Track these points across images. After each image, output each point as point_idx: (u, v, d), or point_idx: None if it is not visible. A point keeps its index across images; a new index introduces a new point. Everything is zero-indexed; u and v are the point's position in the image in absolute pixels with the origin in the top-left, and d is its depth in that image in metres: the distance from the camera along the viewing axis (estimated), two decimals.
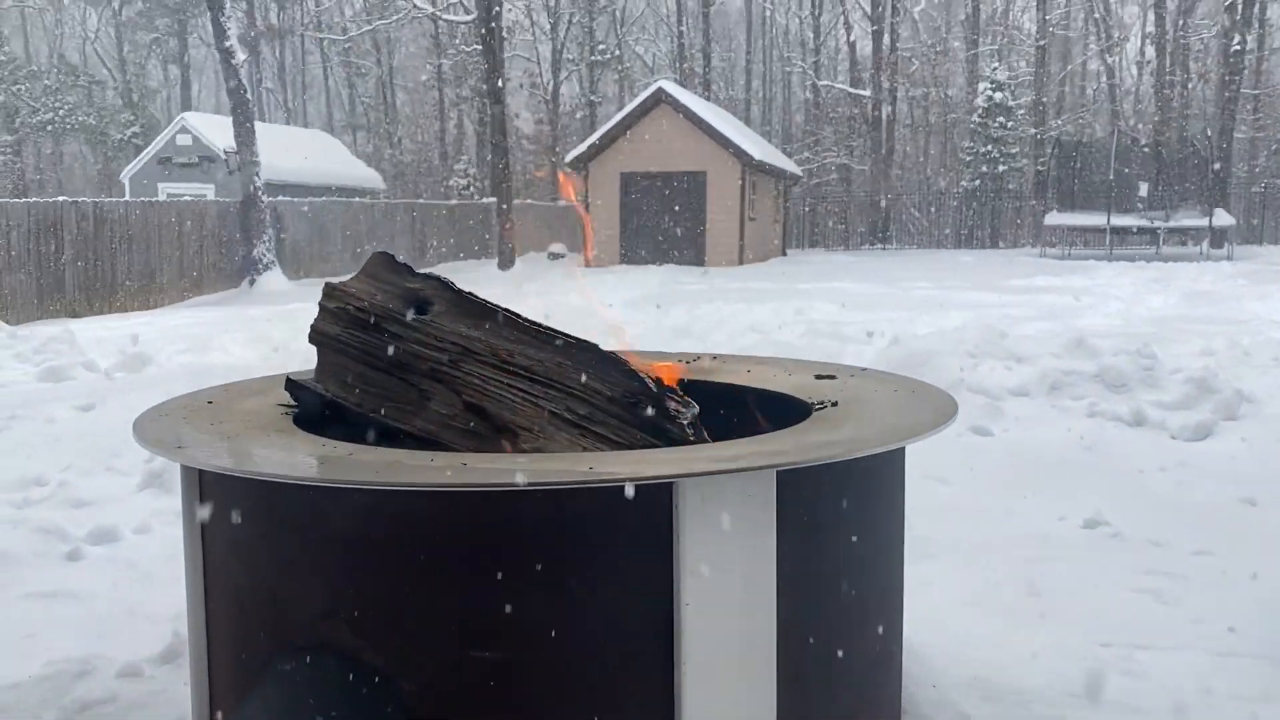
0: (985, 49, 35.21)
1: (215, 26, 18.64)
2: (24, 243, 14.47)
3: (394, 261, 1.75)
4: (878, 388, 1.73)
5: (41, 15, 43.79)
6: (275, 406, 1.63)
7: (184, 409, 1.58)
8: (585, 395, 1.53)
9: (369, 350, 1.61)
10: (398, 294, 1.68)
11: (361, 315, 1.62)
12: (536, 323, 1.67)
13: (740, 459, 1.15)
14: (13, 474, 3.26)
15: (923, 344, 5.84)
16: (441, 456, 1.25)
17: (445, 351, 1.58)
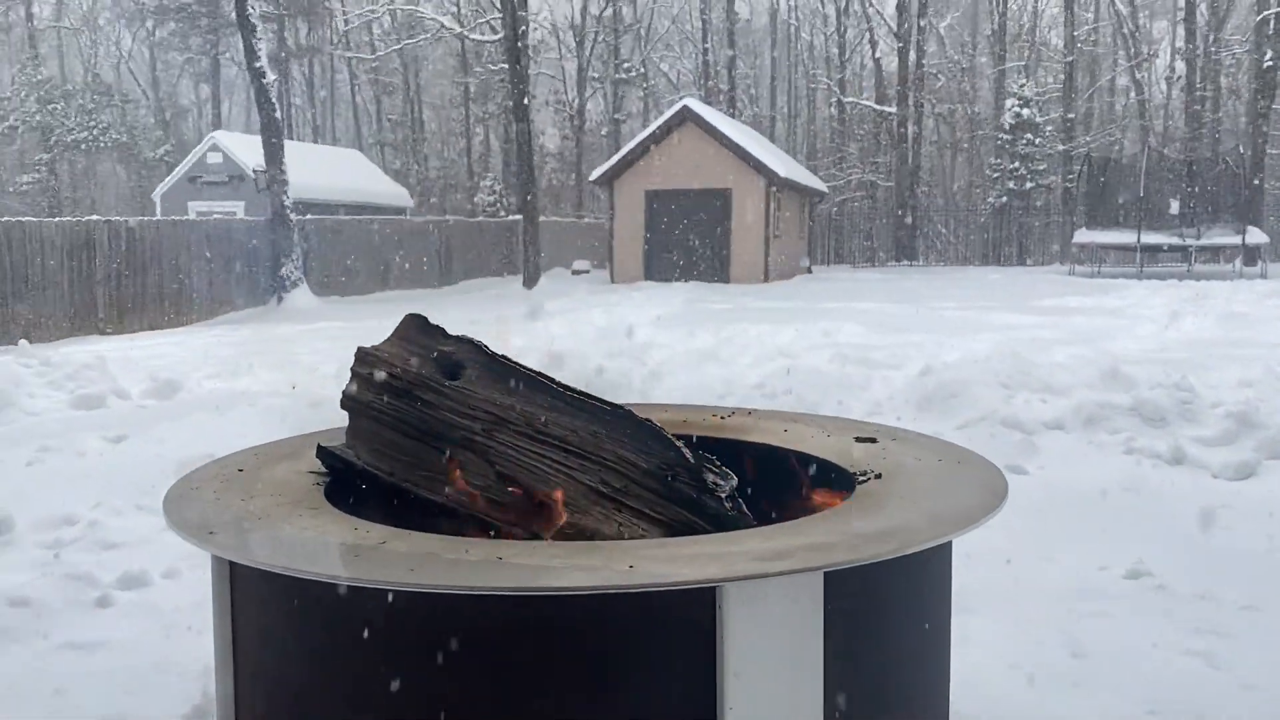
0: (1012, 65, 35.02)
1: (246, 47, 18.88)
2: (57, 261, 14.67)
3: (426, 323, 1.72)
4: (920, 456, 1.68)
5: (77, 36, 44.60)
6: (306, 474, 1.61)
7: (215, 480, 1.56)
8: (620, 468, 1.50)
9: (401, 417, 1.58)
10: (430, 358, 1.65)
11: (395, 382, 1.59)
12: (570, 388, 1.63)
13: (786, 556, 1.11)
14: (45, 511, 3.27)
15: (954, 374, 5.75)
16: (477, 546, 1.22)
17: (478, 420, 1.55)
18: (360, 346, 1.65)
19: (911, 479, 1.51)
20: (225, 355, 9.28)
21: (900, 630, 1.25)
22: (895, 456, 1.66)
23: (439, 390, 1.58)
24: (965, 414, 5.23)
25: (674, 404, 2.18)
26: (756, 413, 2.09)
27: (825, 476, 1.64)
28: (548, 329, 12.13)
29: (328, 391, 6.12)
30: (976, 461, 1.63)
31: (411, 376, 1.59)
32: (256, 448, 1.77)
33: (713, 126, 23.29)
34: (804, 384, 6.07)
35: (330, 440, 1.82)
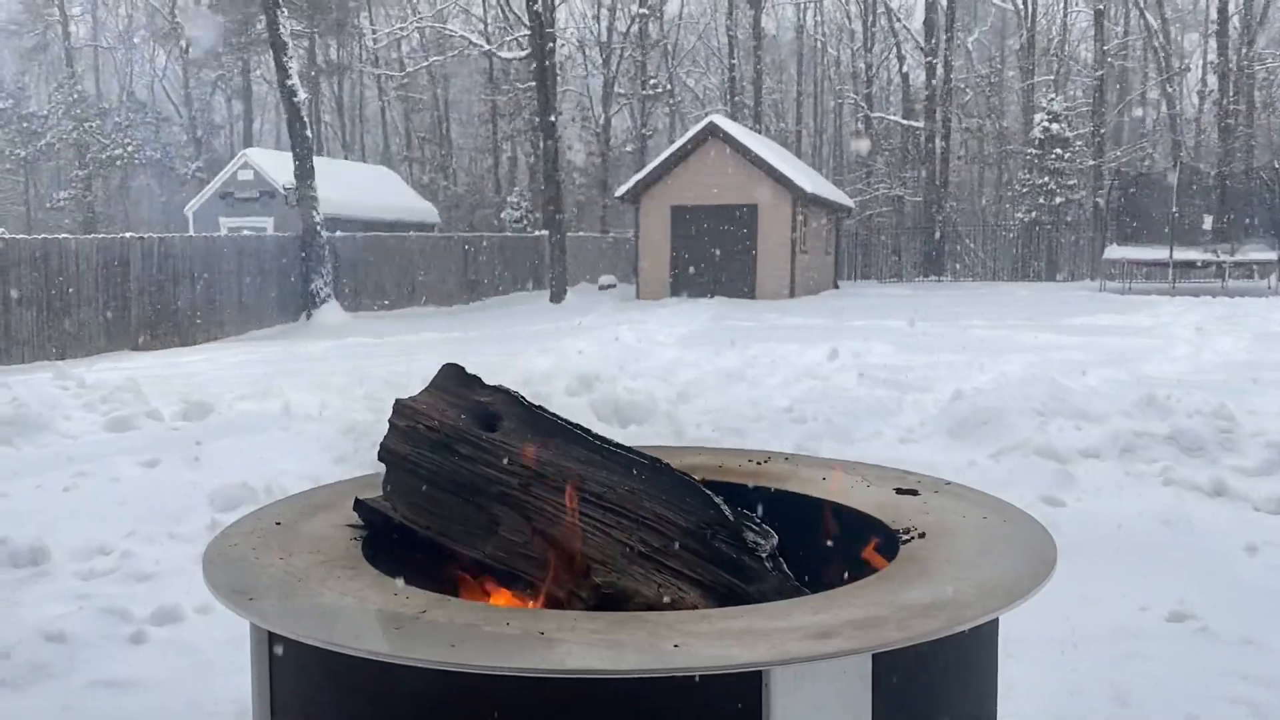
0: (1041, 79, 34.80)
1: (278, 66, 19.14)
2: (92, 278, 14.88)
3: (463, 373, 1.72)
4: (965, 512, 1.65)
5: (113, 54, 45.42)
6: (344, 528, 1.60)
7: (253, 535, 1.55)
8: (659, 526, 1.48)
9: (439, 471, 1.57)
10: (467, 408, 1.64)
11: (432, 434, 1.59)
12: (607, 440, 1.62)
13: (835, 634, 1.09)
14: (79, 540, 3.29)
15: (987, 400, 5.69)
16: (518, 618, 1.20)
17: (516, 475, 1.54)
18: (398, 399, 1.65)
19: (956, 540, 1.48)
20: (256, 374, 9.35)
21: (948, 706, 1.22)
22: (938, 513, 1.63)
23: (476, 443, 1.57)
24: (999, 442, 5.16)
25: (709, 447, 2.16)
26: (794, 458, 2.06)
27: (867, 533, 1.61)
28: (574, 346, 12.15)
29: (358, 415, 6.16)
30: (1022, 521, 1.59)
31: (449, 429, 1.59)
32: (293, 497, 1.77)
33: (739, 142, 23.31)
34: (834, 408, 6.02)
35: (366, 487, 1.82)
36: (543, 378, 7.41)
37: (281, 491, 4.04)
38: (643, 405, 6.29)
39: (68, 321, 14.47)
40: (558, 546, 1.49)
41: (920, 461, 4.94)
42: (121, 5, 45.02)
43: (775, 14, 40.58)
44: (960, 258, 31.94)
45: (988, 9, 40.42)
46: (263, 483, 4.02)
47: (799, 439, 5.38)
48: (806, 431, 5.48)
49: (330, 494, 1.81)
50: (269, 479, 4.10)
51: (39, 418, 5.15)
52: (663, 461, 1.58)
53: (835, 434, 5.51)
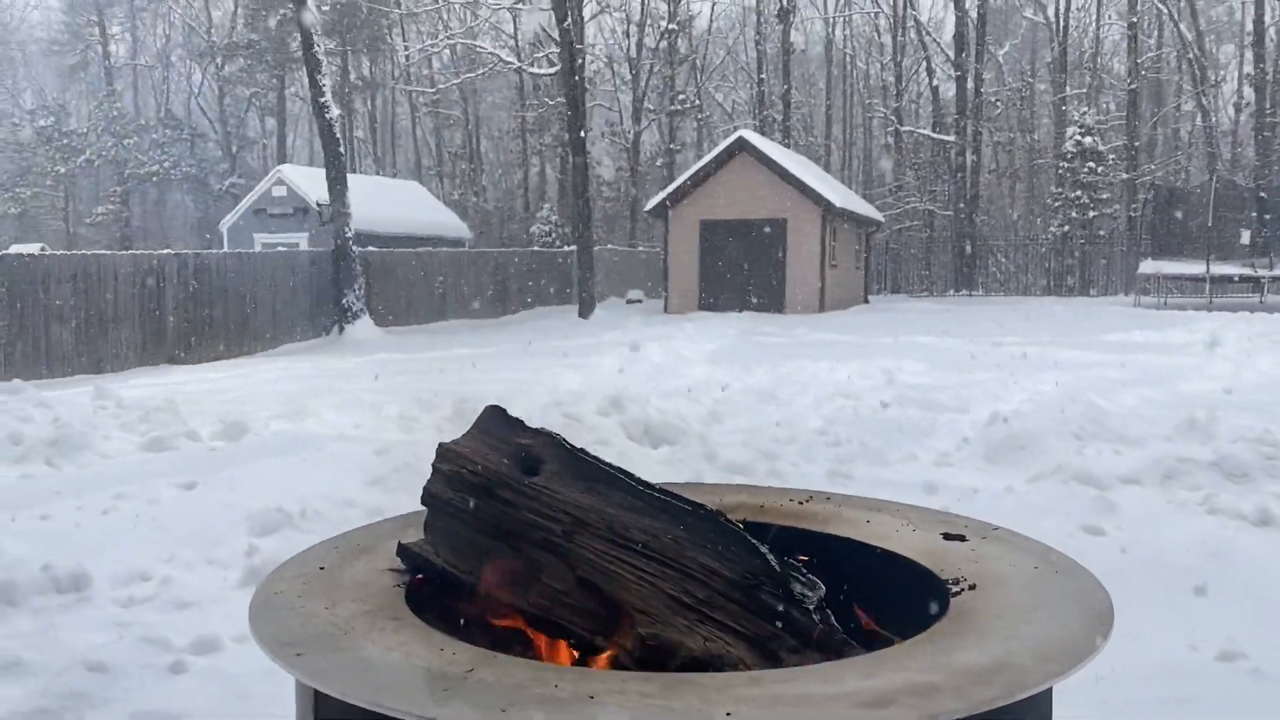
0: (1073, 92, 34.51)
1: (312, 84, 19.38)
2: (129, 293, 15.11)
3: (505, 416, 1.71)
4: (1015, 560, 1.62)
5: (151, 72, 46.26)
6: (386, 573, 1.60)
7: (297, 581, 1.55)
8: (703, 577, 1.46)
9: (481, 516, 1.57)
10: (510, 452, 1.64)
11: (474, 479, 1.58)
12: (650, 485, 1.60)
13: (889, 702, 1.06)
14: (119, 566, 3.32)
15: (1023, 424, 5.61)
16: (566, 678, 1.19)
17: (559, 522, 1.53)
18: (441, 443, 1.65)
19: (1008, 593, 1.45)
20: (289, 391, 9.42)
21: None
22: (988, 562, 1.60)
23: (518, 488, 1.56)
24: (1036, 466, 5.09)
25: (749, 484, 2.13)
26: (836, 498, 2.04)
27: (915, 583, 1.59)
28: (603, 363, 12.15)
29: (390, 435, 6.17)
30: (1075, 572, 1.56)
31: (491, 474, 1.58)
32: (335, 539, 1.77)
33: (768, 156, 23.31)
34: (867, 430, 5.97)
35: (407, 527, 1.81)
36: (573, 397, 7.41)
37: (316, 515, 4.07)
38: (674, 426, 6.27)
39: (105, 336, 14.69)
40: (601, 596, 1.48)
41: (956, 486, 4.88)
42: (160, 24, 45.90)
43: (804, 28, 40.60)
44: (991, 272, 31.68)
45: (1019, 22, 40.20)
46: (298, 506, 4.04)
47: (832, 462, 5.34)
48: (840, 454, 5.44)
49: (371, 535, 1.81)
50: (304, 502, 4.12)
51: (79, 438, 5.22)
52: (706, 508, 1.56)
53: (869, 456, 5.46)
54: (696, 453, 5.22)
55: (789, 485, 4.90)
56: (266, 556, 3.40)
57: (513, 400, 7.87)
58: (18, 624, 2.86)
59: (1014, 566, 1.58)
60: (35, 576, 3.05)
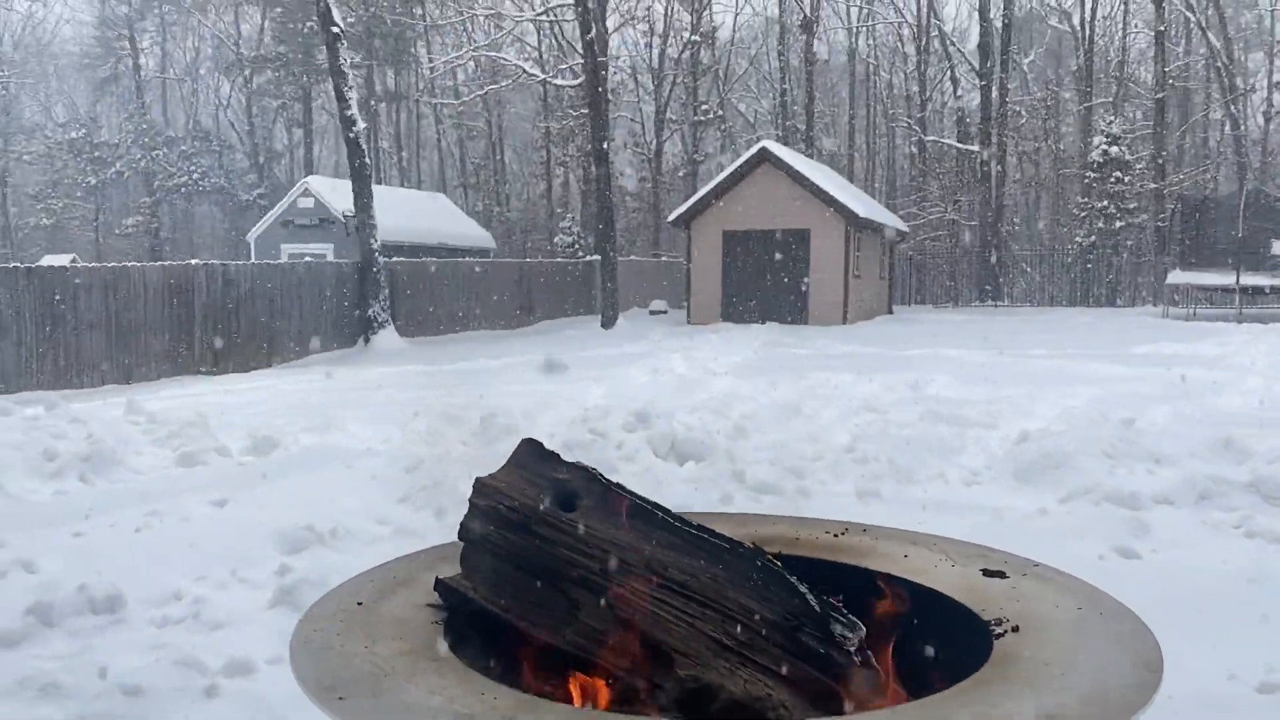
0: (1099, 101, 34.24)
1: (338, 97, 19.55)
2: (158, 304, 15.27)
3: (542, 449, 1.72)
4: (1057, 600, 1.60)
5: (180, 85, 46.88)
6: (424, 608, 1.60)
7: (336, 618, 1.56)
8: (743, 618, 1.45)
9: (519, 553, 1.57)
10: (546, 486, 1.64)
11: (512, 515, 1.59)
12: (686, 521, 1.60)
13: None
14: (153, 586, 3.35)
15: (1054, 442, 5.55)
16: None
17: (597, 559, 1.53)
18: (478, 478, 1.65)
19: (1053, 638, 1.43)
20: (317, 404, 9.50)
21: None
22: (1029, 601, 1.58)
23: (556, 525, 1.56)
24: (1067, 485, 5.04)
25: (785, 515, 2.12)
26: (872, 530, 2.02)
27: (957, 622, 1.57)
28: (628, 375, 12.16)
29: (418, 449, 6.20)
30: (1120, 615, 1.54)
31: (528, 510, 1.58)
32: (372, 571, 1.78)
33: (791, 167, 23.27)
34: (895, 447, 5.93)
35: (442, 560, 1.82)
36: (599, 412, 7.42)
37: (347, 534, 4.09)
38: (700, 442, 6.26)
39: (134, 346, 14.85)
40: (640, 635, 1.48)
41: (987, 506, 4.84)
42: (189, 38, 46.54)
43: (827, 39, 40.57)
44: (1017, 282, 31.44)
45: (1044, 30, 39.98)
46: (328, 525, 4.06)
47: (861, 480, 5.31)
48: (868, 472, 5.40)
49: (407, 567, 1.81)
50: (334, 520, 4.15)
51: (112, 453, 5.28)
52: (745, 545, 1.56)
53: (898, 474, 5.43)
54: (724, 470, 5.20)
55: (816, 503, 4.87)
56: (298, 576, 3.42)
57: (538, 415, 7.89)
58: (55, 645, 2.89)
59: (1057, 607, 1.56)
60: (72, 597, 3.08)
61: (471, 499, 1.62)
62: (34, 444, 5.23)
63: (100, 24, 44.76)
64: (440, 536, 4.08)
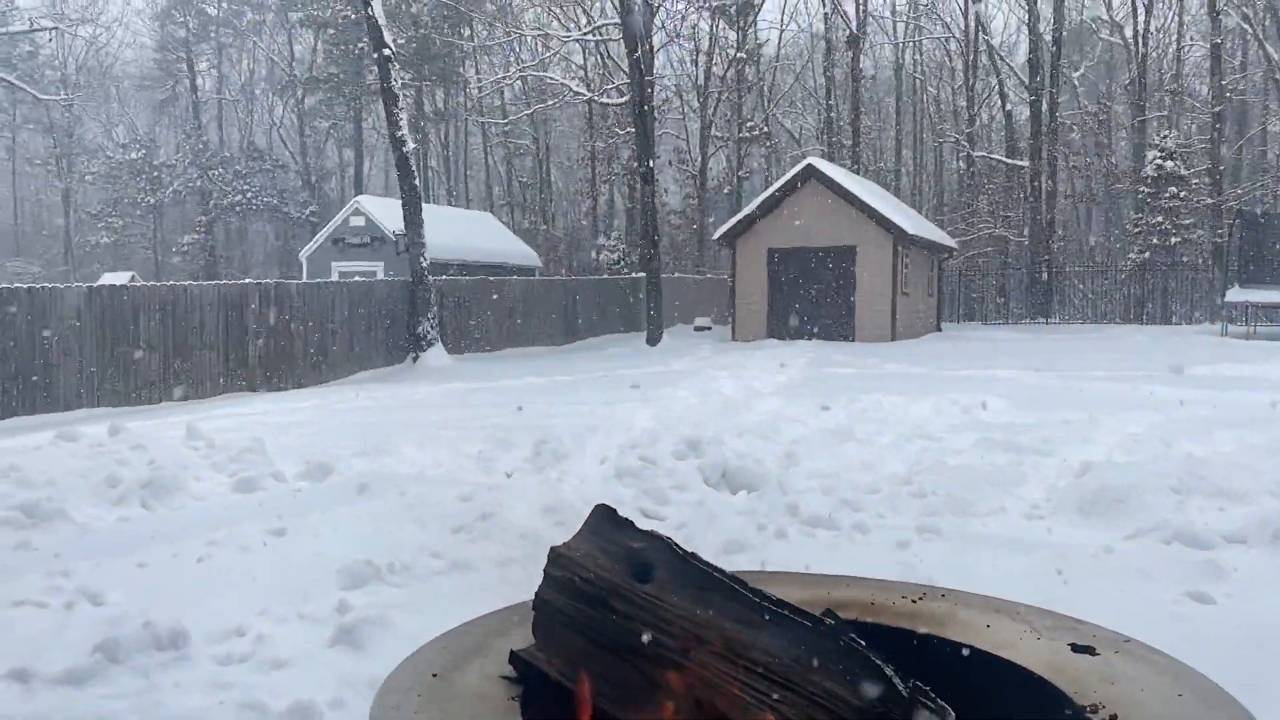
0: (1153, 115, 33.61)
1: (389, 118, 19.84)
2: (214, 322, 15.58)
3: (615, 516, 1.69)
4: (1154, 684, 1.53)
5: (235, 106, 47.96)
6: (499, 680, 1.59)
7: (412, 692, 1.55)
8: (828, 703, 1.41)
9: (594, 626, 1.55)
10: (621, 556, 1.61)
11: (588, 588, 1.56)
12: (764, 595, 1.56)
13: None
14: (215, 621, 3.38)
15: (1118, 476, 5.41)
16: None
17: (674, 635, 1.50)
18: (553, 547, 1.63)
19: None
20: (369, 424, 9.59)
21: None
22: (1125, 684, 1.52)
23: (632, 599, 1.54)
24: (1133, 522, 4.90)
25: (860, 577, 2.07)
26: (951, 595, 1.96)
27: (1048, 706, 1.51)
28: (675, 395, 12.12)
29: (471, 476, 6.22)
30: (1224, 703, 1.47)
31: (604, 583, 1.56)
32: (444, 637, 1.76)
33: (837, 183, 23.14)
34: (953, 479, 5.82)
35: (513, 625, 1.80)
36: (648, 437, 7.39)
37: (404, 569, 4.10)
38: (751, 470, 6.20)
39: (190, 364, 15.15)
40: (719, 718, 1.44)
41: (1050, 543, 4.72)
42: (244, 60, 47.64)
43: (873, 54, 40.37)
44: (1068, 299, 30.91)
45: (1094, 43, 39.39)
46: (386, 558, 4.08)
47: (918, 514, 5.21)
48: (926, 506, 5.31)
49: (478, 633, 1.80)
50: (392, 553, 4.16)
51: (173, 479, 5.36)
52: (825, 621, 1.52)
53: (956, 508, 5.32)
54: (778, 503, 5.14)
55: (875, 538, 4.79)
56: (358, 614, 3.43)
57: (588, 438, 7.89)
58: (122, 683, 2.93)
59: (1154, 693, 1.49)
60: (137, 633, 3.12)
61: (547, 569, 1.60)
62: (98, 470, 5.34)
63: (160, 47, 46.01)
64: (495, 577, 4.07)
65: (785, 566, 4.11)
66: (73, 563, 4.07)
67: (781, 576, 1.91)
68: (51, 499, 4.86)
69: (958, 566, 4.26)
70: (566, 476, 6.05)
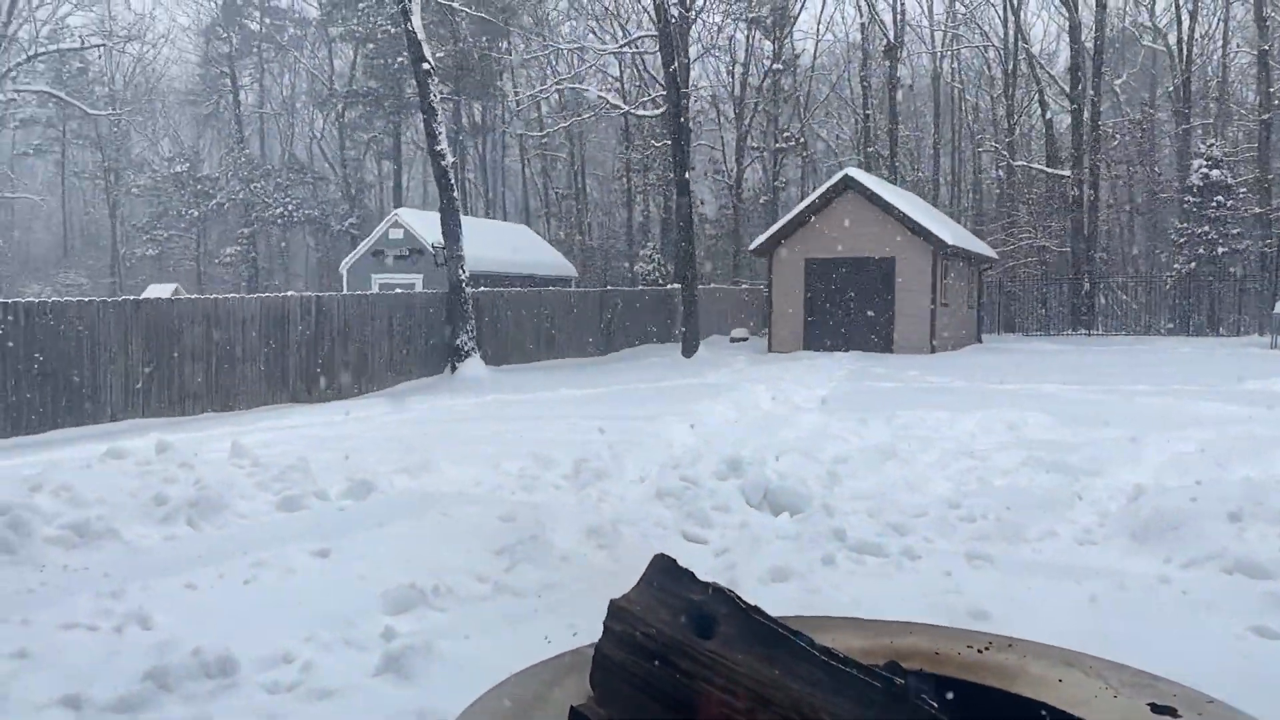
0: (1198, 123, 33.01)
1: (428, 132, 20.03)
2: (256, 334, 15.76)
3: (675, 567, 1.66)
4: None
5: (277, 119, 48.71)
6: None
7: None
8: None
9: (657, 685, 1.51)
10: (682, 609, 1.58)
11: (649, 644, 1.53)
12: (833, 654, 1.52)
13: None
14: (264, 647, 3.39)
15: (1172, 501, 5.27)
16: None
17: (739, 696, 1.46)
18: (613, 600, 1.60)
19: None
20: (409, 438, 9.63)
21: None
22: None
23: (696, 656, 1.50)
24: (1190, 550, 4.77)
25: (920, 623, 2.02)
26: (1019, 645, 1.90)
27: None
28: (713, 411, 12.05)
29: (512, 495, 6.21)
30: None
31: (666, 639, 1.52)
32: (502, 688, 1.72)
33: (875, 194, 22.98)
34: (1002, 501, 5.71)
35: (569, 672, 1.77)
36: (689, 456, 7.35)
37: (448, 592, 4.09)
38: (794, 491, 6.13)
39: (233, 375, 15.34)
40: None
41: (1103, 570, 4.60)
42: (285, 74, 48.41)
43: (910, 63, 40.09)
44: (1111, 310, 30.40)
45: (1137, 50, 38.80)
46: (430, 582, 4.07)
47: (967, 539, 5.12)
48: (975, 531, 5.21)
49: (534, 684, 1.76)
50: (436, 576, 4.16)
51: (218, 498, 5.41)
52: (896, 682, 1.47)
53: (1006, 533, 5.22)
54: (823, 528, 5.07)
55: (925, 565, 4.70)
56: (404, 641, 3.42)
57: (626, 456, 7.86)
58: (172, 711, 2.94)
59: None
60: (187, 661, 3.13)
61: (606, 622, 1.57)
62: (147, 489, 5.40)
63: (204, 62, 46.89)
64: (539, 602, 4.05)
65: (834, 597, 4.05)
66: (122, 583, 4.11)
67: (839, 622, 1.86)
68: (102, 518, 4.92)
69: (1010, 596, 4.17)
70: (607, 496, 6.02)
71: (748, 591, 4.22)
